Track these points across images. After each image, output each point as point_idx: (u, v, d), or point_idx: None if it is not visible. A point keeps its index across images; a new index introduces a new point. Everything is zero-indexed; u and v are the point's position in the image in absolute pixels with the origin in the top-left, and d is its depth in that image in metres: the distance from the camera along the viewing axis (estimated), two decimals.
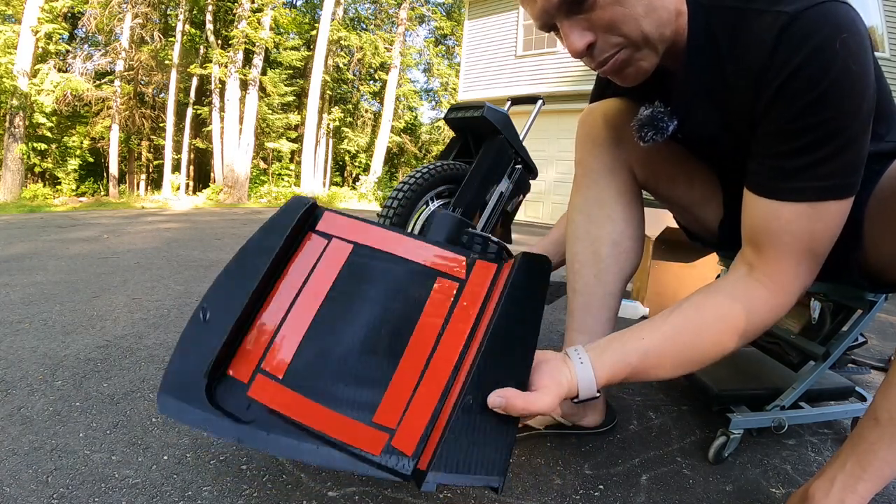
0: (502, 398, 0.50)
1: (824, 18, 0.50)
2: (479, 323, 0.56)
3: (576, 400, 0.57)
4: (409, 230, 1.31)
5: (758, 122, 0.57)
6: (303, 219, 0.64)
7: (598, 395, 0.57)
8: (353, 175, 18.96)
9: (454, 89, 17.59)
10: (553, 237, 1.10)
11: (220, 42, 13.81)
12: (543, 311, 0.57)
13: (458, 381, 0.52)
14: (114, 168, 13.32)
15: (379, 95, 18.49)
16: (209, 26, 13.79)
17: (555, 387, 0.54)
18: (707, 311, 0.59)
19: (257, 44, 12.79)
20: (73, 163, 13.74)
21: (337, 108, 17.89)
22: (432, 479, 0.45)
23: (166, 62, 13.45)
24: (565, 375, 0.56)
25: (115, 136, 13.10)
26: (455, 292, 0.59)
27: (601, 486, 0.74)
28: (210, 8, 13.66)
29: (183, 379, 0.52)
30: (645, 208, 0.90)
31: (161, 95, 15.19)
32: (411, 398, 0.52)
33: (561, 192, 8.18)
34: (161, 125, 14.98)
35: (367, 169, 17.22)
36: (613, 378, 0.58)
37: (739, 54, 0.56)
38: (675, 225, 1.02)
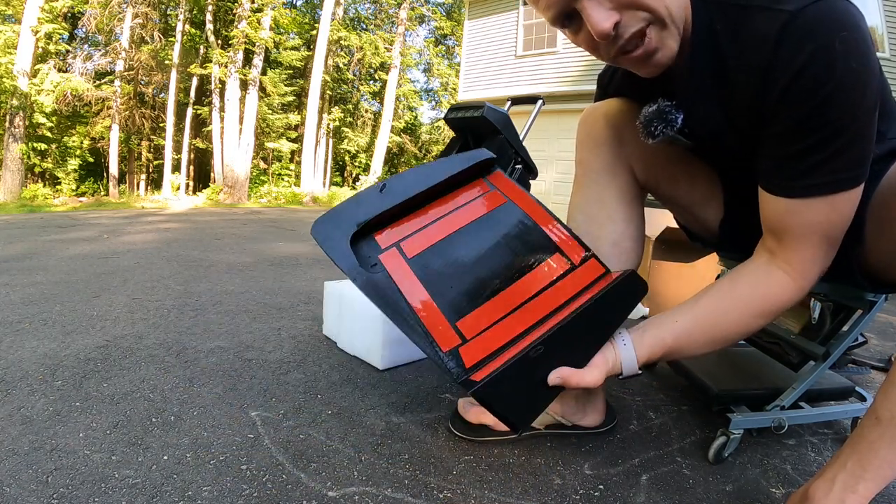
0: (559, 377, 0.58)
1: (823, 17, 0.50)
2: (572, 303, 0.64)
3: (620, 377, 0.64)
4: None
5: (765, 122, 0.58)
6: (479, 166, 0.78)
7: (639, 372, 0.64)
8: (353, 175, 18.96)
9: (454, 89, 17.59)
10: None
11: (220, 42, 13.81)
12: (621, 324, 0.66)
13: (535, 334, 0.59)
14: (114, 168, 13.32)
15: (379, 95, 18.49)
16: (209, 26, 13.78)
17: (602, 364, 0.61)
18: (732, 294, 0.64)
19: (257, 44, 12.79)
20: (73, 163, 13.74)
21: (337, 108, 17.88)
22: (481, 390, 0.53)
23: (166, 62, 13.45)
24: (611, 354, 0.63)
25: (115, 136, 13.09)
26: (564, 271, 0.67)
27: (601, 486, 0.74)
28: (210, 8, 13.66)
29: (341, 218, 0.65)
30: (645, 208, 0.90)
31: (161, 95, 15.19)
32: (493, 324, 0.61)
33: (561, 192, 8.18)
34: (161, 125, 14.98)
35: (367, 169, 17.22)
36: (652, 356, 0.64)
37: (741, 51, 0.57)
38: (675, 225, 1.02)
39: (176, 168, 15.33)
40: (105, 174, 14.31)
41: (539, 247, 0.70)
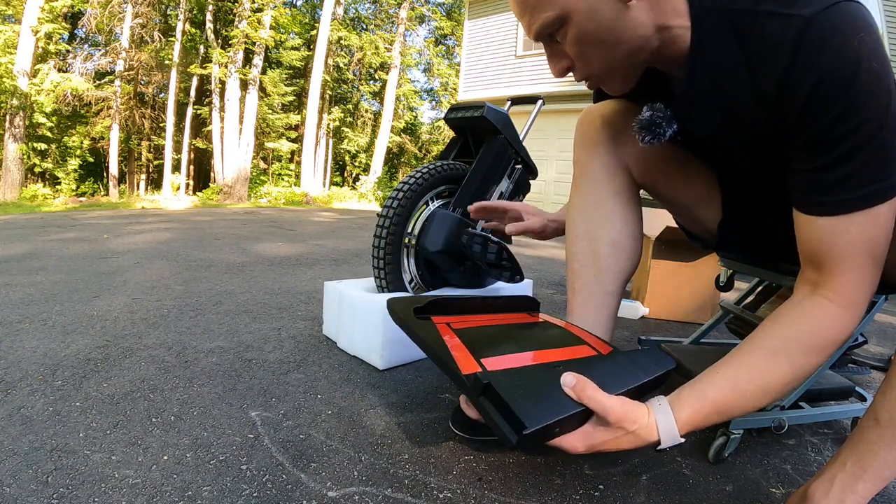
0: (575, 378, 0.55)
1: (841, 20, 0.50)
2: (599, 355, 0.71)
3: (658, 448, 0.56)
4: (409, 230, 1.31)
5: (789, 136, 0.56)
6: (526, 304, 0.92)
7: (682, 439, 0.56)
8: (353, 175, 18.97)
9: (454, 89, 17.60)
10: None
11: (220, 42, 13.81)
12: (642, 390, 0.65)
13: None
14: (114, 168, 13.33)
15: (379, 95, 18.50)
16: (209, 26, 13.79)
17: (629, 405, 0.55)
18: (777, 335, 0.59)
19: (257, 43, 12.80)
20: (73, 163, 13.76)
21: (337, 108, 17.89)
22: (491, 374, 0.54)
23: (166, 62, 13.46)
24: (643, 413, 0.56)
25: (115, 136, 13.10)
26: (588, 355, 0.71)
27: (601, 486, 0.74)
28: (210, 8, 13.66)
29: (403, 305, 0.76)
30: (645, 208, 0.90)
31: (161, 95, 15.21)
32: (516, 367, 0.62)
33: (561, 191, 8.19)
34: (161, 125, 14.99)
35: (367, 169, 17.22)
36: (695, 416, 0.57)
37: (753, 58, 0.56)
38: (675, 224, 1.02)
39: (176, 168, 15.34)
40: (105, 174, 14.32)
41: (567, 339, 0.76)
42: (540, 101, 1.84)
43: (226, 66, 12.66)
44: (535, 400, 0.53)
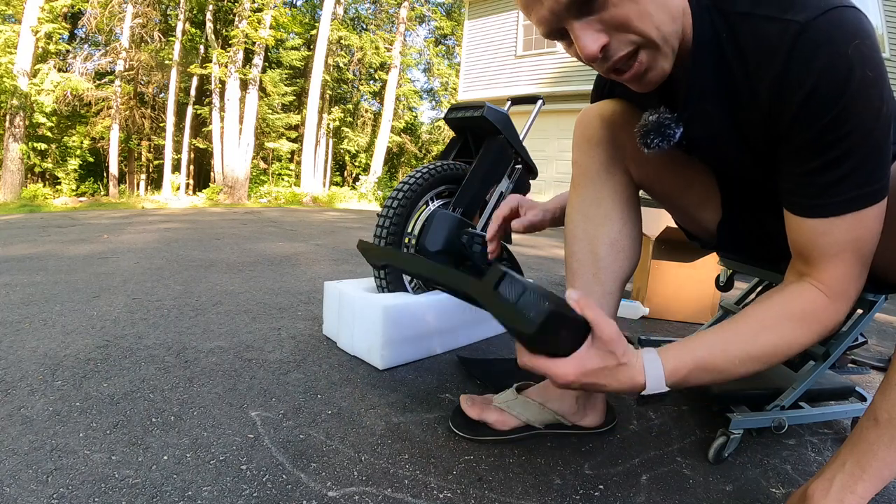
0: (578, 293, 0.56)
1: (834, 27, 0.50)
2: None
3: (644, 392, 0.57)
4: (409, 230, 1.31)
5: (781, 136, 0.57)
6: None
7: (665, 389, 0.58)
8: (353, 175, 18.97)
9: (454, 89, 17.60)
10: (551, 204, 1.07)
11: (220, 42, 13.82)
12: None
13: None
14: (114, 168, 13.33)
15: (379, 95, 18.50)
16: (209, 26, 13.79)
17: (621, 334, 0.56)
18: (767, 309, 0.61)
19: (257, 43, 12.80)
20: (73, 163, 13.75)
21: (337, 108, 17.90)
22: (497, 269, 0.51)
23: (166, 62, 13.46)
24: (632, 349, 0.58)
25: (115, 136, 13.10)
26: None
27: (601, 486, 0.74)
28: (210, 8, 13.66)
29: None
30: (645, 208, 0.90)
31: (161, 95, 15.21)
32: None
33: (560, 191, 8.16)
34: (161, 125, 15.00)
35: (367, 169, 17.22)
36: (681, 368, 0.58)
37: (750, 61, 0.56)
38: (675, 225, 1.02)
39: (176, 168, 15.35)
40: (105, 174, 14.33)
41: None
42: (540, 101, 1.84)
43: (226, 66, 12.65)
44: (547, 294, 0.52)
